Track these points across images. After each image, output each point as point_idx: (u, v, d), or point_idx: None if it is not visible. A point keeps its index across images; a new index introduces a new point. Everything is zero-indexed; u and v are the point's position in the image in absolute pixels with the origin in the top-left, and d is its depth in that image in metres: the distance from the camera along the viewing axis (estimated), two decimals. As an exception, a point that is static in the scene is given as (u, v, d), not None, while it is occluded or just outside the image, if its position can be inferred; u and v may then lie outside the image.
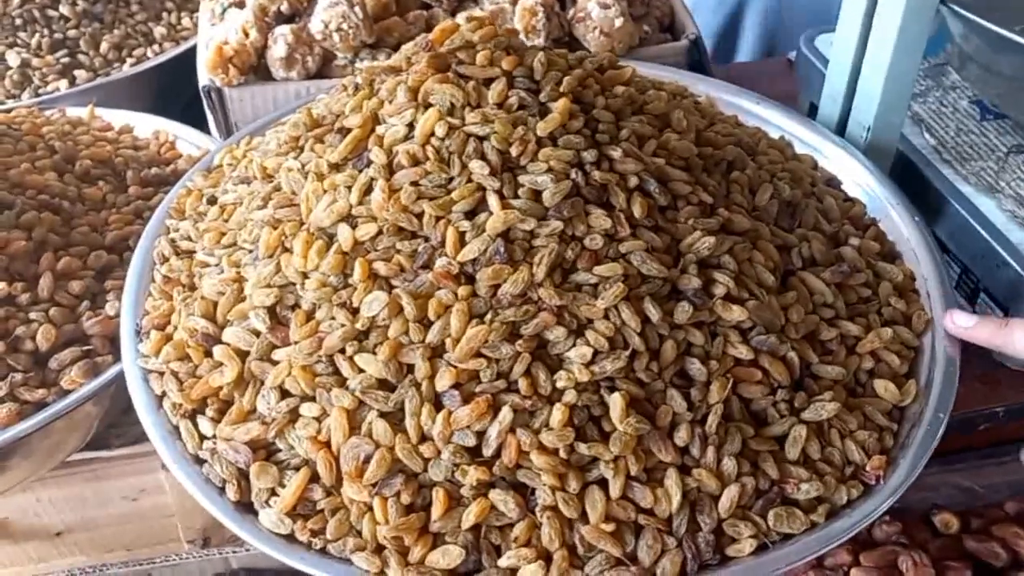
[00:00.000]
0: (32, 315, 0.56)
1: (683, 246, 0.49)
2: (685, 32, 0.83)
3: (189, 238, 0.57)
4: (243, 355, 0.48)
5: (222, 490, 0.45)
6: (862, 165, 0.66)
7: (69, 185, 0.67)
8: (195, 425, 0.47)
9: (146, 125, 0.83)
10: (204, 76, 0.76)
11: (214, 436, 0.46)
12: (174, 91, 0.95)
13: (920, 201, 0.66)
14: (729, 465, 0.44)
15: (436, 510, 0.42)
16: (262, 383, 0.47)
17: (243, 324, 0.48)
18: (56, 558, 0.73)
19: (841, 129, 0.72)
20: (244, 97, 0.75)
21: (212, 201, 0.59)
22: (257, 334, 0.48)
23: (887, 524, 0.64)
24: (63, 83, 0.88)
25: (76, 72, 0.90)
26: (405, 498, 0.42)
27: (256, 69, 0.77)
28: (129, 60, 0.94)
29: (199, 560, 0.64)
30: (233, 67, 0.74)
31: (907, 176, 0.72)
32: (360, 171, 0.49)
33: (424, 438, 0.44)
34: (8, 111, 0.78)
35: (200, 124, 0.83)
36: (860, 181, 0.66)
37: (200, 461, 0.47)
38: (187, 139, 0.81)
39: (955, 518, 0.64)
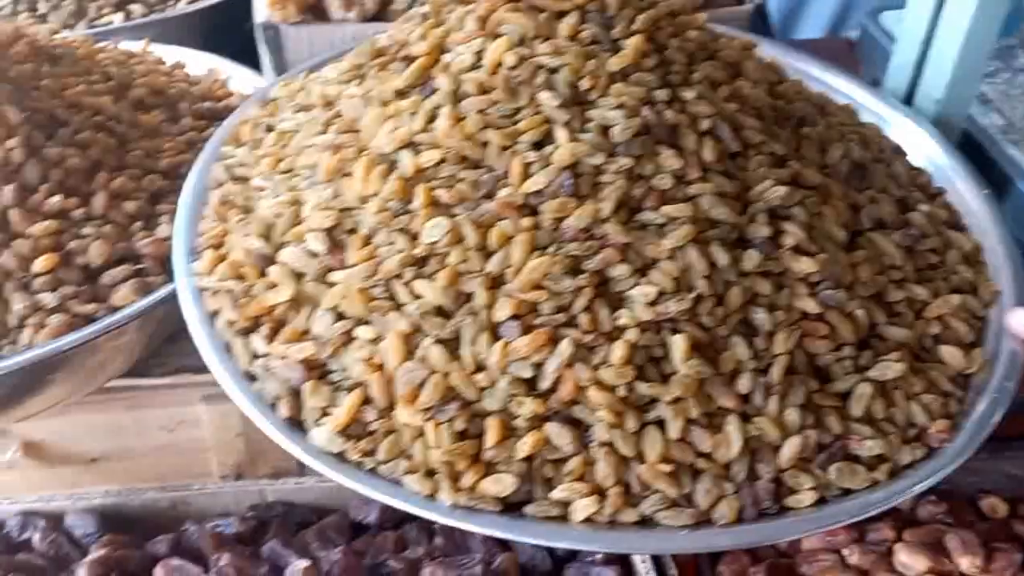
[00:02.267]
0: (86, 231, 0.56)
1: (752, 194, 0.47)
2: (749, -3, 0.81)
3: (244, 165, 0.57)
4: (298, 276, 0.47)
5: (273, 407, 0.45)
6: (930, 136, 0.64)
7: (124, 110, 0.67)
8: (248, 342, 0.47)
9: (199, 62, 0.83)
10: (262, 12, 0.75)
11: (267, 354, 0.46)
12: (226, 33, 0.95)
13: (984, 180, 0.64)
14: (792, 415, 0.42)
15: (490, 438, 0.41)
16: (317, 304, 0.46)
17: (300, 246, 0.48)
18: (88, 485, 0.73)
19: (907, 102, 0.70)
20: (301, 36, 0.74)
21: (269, 129, 0.58)
22: (314, 256, 0.47)
23: (932, 503, 0.62)
24: (118, 16, 0.88)
25: (131, 7, 0.90)
26: (459, 424, 0.42)
27: (315, 10, 0.76)
28: (184, -2, 0.93)
29: (234, 491, 0.64)
30: (292, 3, 0.73)
31: (972, 154, 0.70)
32: (425, 98, 0.48)
33: (479, 367, 0.43)
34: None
35: (252, 68, 0.82)
36: (926, 153, 0.64)
37: (251, 378, 0.46)
38: (240, 78, 0.81)
39: (1003, 503, 0.63)
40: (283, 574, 0.54)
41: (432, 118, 0.48)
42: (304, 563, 0.52)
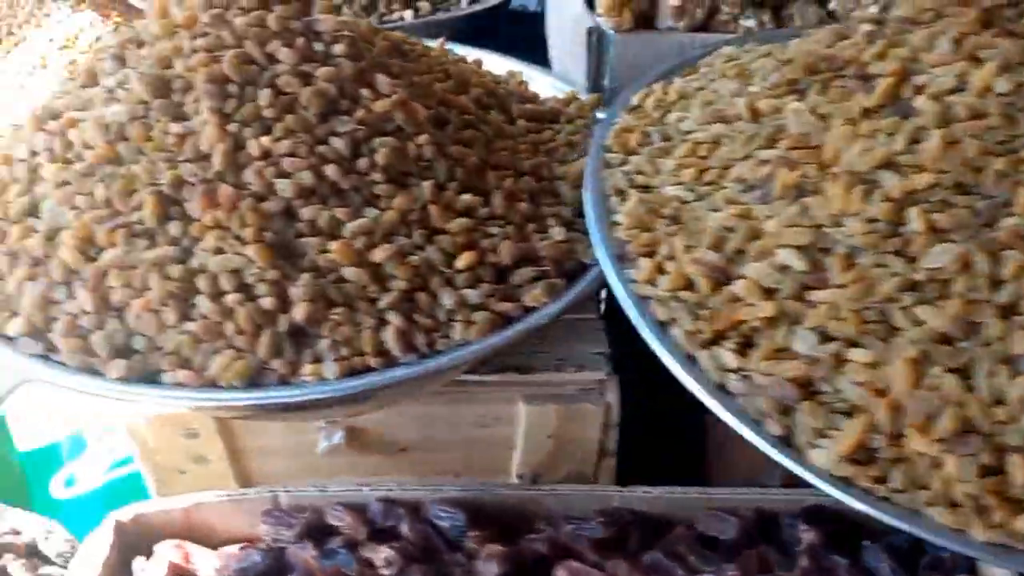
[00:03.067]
0: (492, 230, 0.56)
1: None
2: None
3: (642, 172, 0.57)
4: (768, 292, 0.47)
5: (755, 423, 0.44)
6: None
7: (475, 110, 0.67)
8: (714, 355, 0.46)
9: (494, 63, 0.83)
10: (587, 18, 0.76)
11: (738, 368, 0.46)
12: (491, 33, 0.96)
13: None
14: None
15: (1020, 476, 0.40)
16: (794, 322, 0.46)
17: (768, 261, 0.47)
18: (390, 474, 0.74)
19: None
20: (628, 43, 0.75)
21: (666, 138, 0.58)
22: (787, 272, 0.47)
23: None
24: (408, 13, 0.90)
25: (420, 3, 0.91)
26: (984, 459, 0.41)
27: (640, 18, 0.76)
28: (464, -1, 0.95)
29: (583, 495, 0.64)
30: (628, 10, 0.73)
31: None
32: (904, 118, 0.48)
33: (997, 400, 0.42)
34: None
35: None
36: None
37: (722, 390, 0.46)
38: (539, 81, 0.81)
39: None
40: (677, 586, 0.53)
41: (914, 139, 0.47)
42: (711, 578, 0.52)
